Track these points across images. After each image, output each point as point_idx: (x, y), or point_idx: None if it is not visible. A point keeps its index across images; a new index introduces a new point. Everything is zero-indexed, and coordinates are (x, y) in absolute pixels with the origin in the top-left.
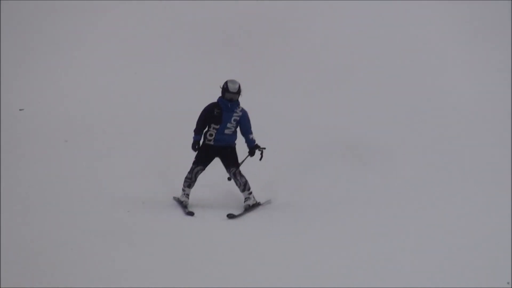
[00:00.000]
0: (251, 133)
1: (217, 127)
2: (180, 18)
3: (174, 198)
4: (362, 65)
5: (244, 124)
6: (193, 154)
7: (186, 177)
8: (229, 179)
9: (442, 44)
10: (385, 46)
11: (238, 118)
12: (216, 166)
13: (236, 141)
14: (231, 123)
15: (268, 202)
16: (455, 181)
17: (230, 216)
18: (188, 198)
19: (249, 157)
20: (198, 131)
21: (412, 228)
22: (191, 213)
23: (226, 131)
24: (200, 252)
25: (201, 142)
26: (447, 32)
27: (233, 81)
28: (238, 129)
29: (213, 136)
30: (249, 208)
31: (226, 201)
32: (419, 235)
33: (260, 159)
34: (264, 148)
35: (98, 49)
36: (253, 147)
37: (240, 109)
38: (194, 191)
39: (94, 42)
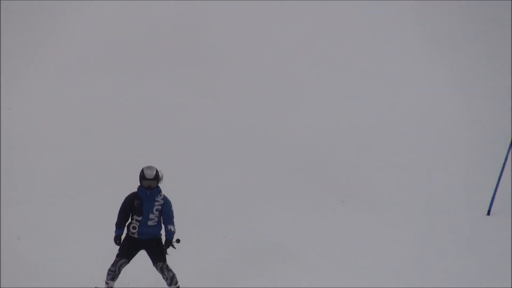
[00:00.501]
0: (172, 224)
1: (139, 218)
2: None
3: None
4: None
5: (166, 212)
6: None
7: (109, 270)
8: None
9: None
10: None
11: (160, 207)
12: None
13: (161, 232)
14: (153, 213)
15: None
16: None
17: None
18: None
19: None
20: (119, 224)
21: None
22: None
23: (149, 223)
24: None
25: (124, 233)
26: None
27: (149, 167)
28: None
29: (136, 229)
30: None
31: None
32: None
33: (174, 248)
34: (179, 241)
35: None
36: (169, 241)
37: (162, 197)
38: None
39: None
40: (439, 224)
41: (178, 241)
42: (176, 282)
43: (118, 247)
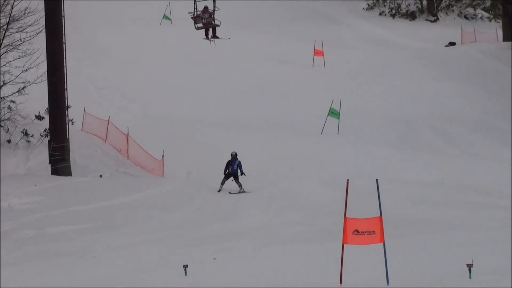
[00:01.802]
0: (241, 168)
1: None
2: None
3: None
4: None
5: (239, 165)
6: None
7: (221, 183)
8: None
9: None
10: None
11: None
12: None
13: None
14: (235, 164)
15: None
16: None
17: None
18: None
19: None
20: (225, 170)
21: None
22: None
23: (234, 167)
24: None
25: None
26: None
27: (234, 152)
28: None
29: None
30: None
31: None
32: None
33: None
34: (244, 174)
35: None
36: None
37: (238, 160)
38: None
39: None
40: None
41: (244, 174)
42: (240, 185)
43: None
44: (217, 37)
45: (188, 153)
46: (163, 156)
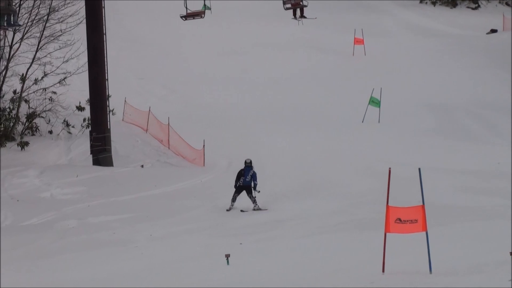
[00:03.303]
0: (255, 180)
1: (243, 178)
2: None
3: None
4: None
5: (253, 176)
6: None
7: (232, 199)
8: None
9: None
10: None
11: (251, 173)
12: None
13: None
14: (248, 176)
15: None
16: None
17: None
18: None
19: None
20: (236, 181)
21: None
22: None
23: (247, 179)
24: None
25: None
26: None
27: (248, 159)
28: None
29: (242, 181)
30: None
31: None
32: None
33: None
34: (259, 191)
35: None
36: (254, 186)
37: (252, 170)
38: None
39: None
40: None
41: (258, 191)
42: (254, 201)
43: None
44: (305, 17)
45: (228, 143)
46: (204, 146)
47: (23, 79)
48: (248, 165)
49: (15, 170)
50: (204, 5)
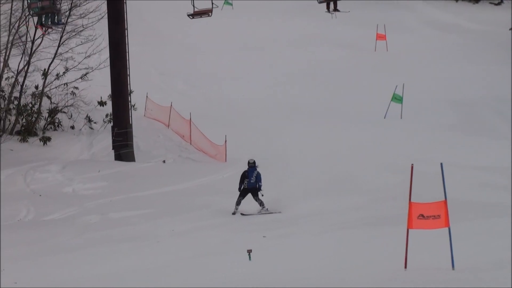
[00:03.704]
0: (260, 182)
1: (247, 179)
2: None
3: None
4: None
5: (258, 177)
6: None
7: (236, 202)
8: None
9: None
10: None
11: (256, 175)
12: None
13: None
14: (253, 177)
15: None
16: None
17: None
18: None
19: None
20: (240, 183)
21: None
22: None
23: (251, 181)
24: None
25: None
26: None
27: (251, 159)
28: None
29: (246, 184)
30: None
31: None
32: None
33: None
34: (262, 195)
35: None
36: (259, 188)
37: (256, 171)
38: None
39: None
40: None
41: (262, 195)
42: (262, 204)
43: (239, 192)
44: (338, 10)
45: (250, 138)
46: (225, 141)
47: (45, 74)
48: (252, 166)
49: (38, 165)
50: (226, 0)
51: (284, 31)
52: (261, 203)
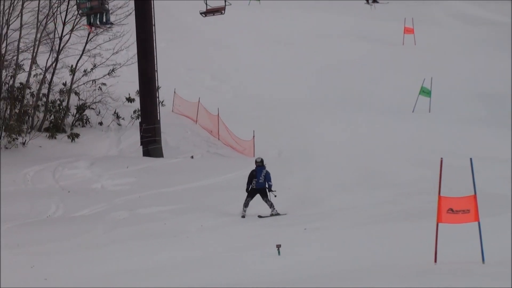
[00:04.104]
0: (269, 181)
1: (256, 179)
2: None
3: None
4: None
5: (267, 177)
6: None
7: (244, 204)
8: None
9: None
10: None
11: (264, 174)
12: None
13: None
14: (261, 177)
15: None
16: None
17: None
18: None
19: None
20: (248, 183)
21: None
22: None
23: (260, 181)
24: None
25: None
26: None
27: (258, 158)
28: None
29: (255, 184)
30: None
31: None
32: None
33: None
34: (275, 195)
35: None
36: (269, 188)
37: (265, 170)
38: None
39: None
40: None
41: (273, 192)
42: (272, 205)
43: (247, 193)
44: (377, 2)
45: (278, 133)
46: (253, 136)
47: (73, 71)
48: (260, 165)
49: (66, 162)
50: None
51: (311, 25)
52: (271, 205)
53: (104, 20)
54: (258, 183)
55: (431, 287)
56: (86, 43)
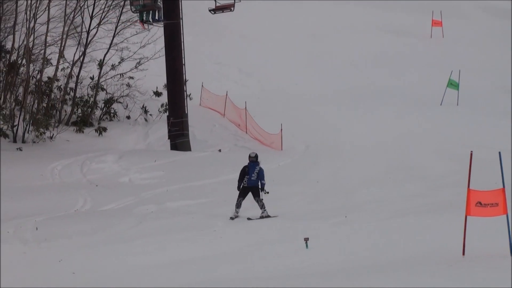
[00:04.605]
0: (263, 179)
1: (248, 176)
2: None
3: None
4: None
5: (260, 174)
6: None
7: (236, 204)
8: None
9: None
10: None
11: (257, 171)
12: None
13: (258, 183)
14: (254, 174)
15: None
16: None
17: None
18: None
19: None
20: (239, 181)
21: None
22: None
23: (252, 178)
24: None
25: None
26: None
27: (252, 152)
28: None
29: (246, 182)
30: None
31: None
32: None
33: (265, 193)
34: (267, 192)
35: None
36: (262, 187)
37: (258, 166)
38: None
39: None
40: None
41: (266, 192)
42: (263, 206)
43: (238, 192)
44: None
45: (305, 127)
46: (281, 129)
47: (100, 64)
48: (254, 160)
49: (94, 155)
50: None
51: (340, 18)
52: (262, 206)
53: (157, 17)
54: (250, 181)
55: (459, 279)
56: (114, 37)
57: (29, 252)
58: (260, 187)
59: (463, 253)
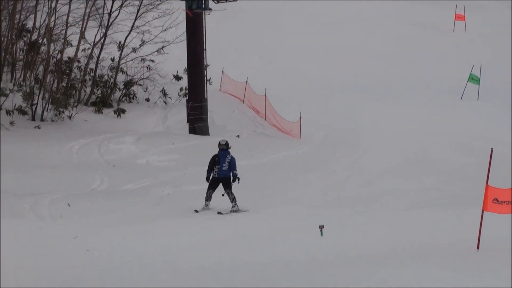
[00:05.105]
0: (234, 169)
1: (218, 166)
2: None
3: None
4: None
5: (232, 164)
6: None
7: (206, 197)
8: (223, 195)
9: None
10: None
11: (229, 160)
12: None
13: (229, 174)
14: (225, 163)
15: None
16: None
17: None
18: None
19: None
20: (208, 171)
21: None
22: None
23: (223, 169)
24: None
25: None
26: None
27: (222, 140)
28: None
29: (217, 172)
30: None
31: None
32: None
33: (237, 183)
34: (239, 181)
35: None
36: (234, 178)
37: (230, 155)
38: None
39: None
40: None
41: (238, 180)
42: (234, 200)
43: (208, 183)
44: None
45: (325, 115)
46: (300, 117)
47: (121, 47)
48: (224, 148)
49: (112, 136)
50: None
51: (362, 8)
52: (233, 199)
53: (203, 5)
54: (221, 171)
55: (472, 272)
56: (135, 19)
57: (44, 228)
58: (231, 178)
59: (478, 247)
